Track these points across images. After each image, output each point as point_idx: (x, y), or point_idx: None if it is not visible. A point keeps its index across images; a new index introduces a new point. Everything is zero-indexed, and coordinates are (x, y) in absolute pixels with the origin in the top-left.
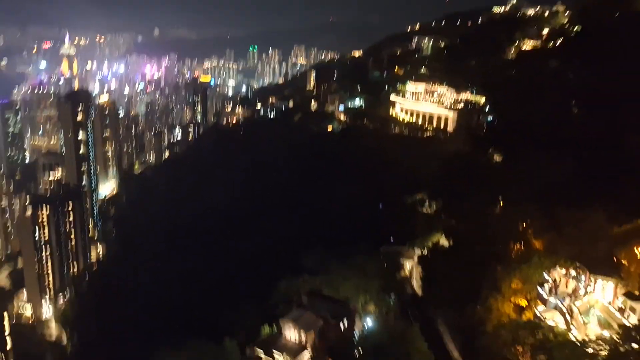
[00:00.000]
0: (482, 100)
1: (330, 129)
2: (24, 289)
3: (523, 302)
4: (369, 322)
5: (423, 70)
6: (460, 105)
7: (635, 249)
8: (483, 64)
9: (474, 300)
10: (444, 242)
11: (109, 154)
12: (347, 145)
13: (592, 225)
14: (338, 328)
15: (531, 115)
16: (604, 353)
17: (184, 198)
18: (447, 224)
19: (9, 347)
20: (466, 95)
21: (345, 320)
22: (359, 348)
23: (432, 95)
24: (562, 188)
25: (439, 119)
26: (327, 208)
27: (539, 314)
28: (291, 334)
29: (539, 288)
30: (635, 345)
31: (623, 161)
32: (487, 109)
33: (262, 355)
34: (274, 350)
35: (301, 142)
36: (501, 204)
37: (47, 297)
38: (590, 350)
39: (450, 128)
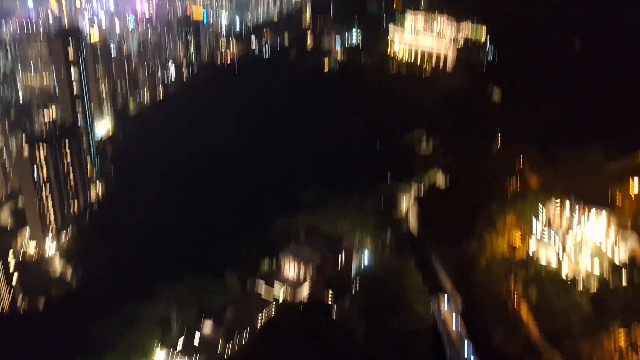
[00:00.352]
0: (483, 35)
1: (326, 65)
2: (27, 227)
3: (517, 238)
4: (365, 257)
5: (423, 1)
6: (461, 40)
7: (629, 184)
8: None
9: (469, 237)
10: (441, 179)
11: (103, 93)
12: (344, 82)
13: (588, 162)
14: (335, 263)
15: (532, 51)
16: (593, 285)
17: (181, 136)
18: (445, 162)
19: (14, 282)
20: (467, 30)
21: (342, 255)
22: (356, 282)
23: (432, 29)
24: (560, 126)
25: (438, 54)
26: (324, 146)
27: (532, 249)
28: (290, 268)
29: (533, 224)
30: (624, 279)
31: (621, 99)
32: (487, 45)
33: (263, 287)
34: (275, 282)
35: (297, 79)
36: (499, 142)
37: (50, 234)
38: (580, 283)
39: (449, 64)
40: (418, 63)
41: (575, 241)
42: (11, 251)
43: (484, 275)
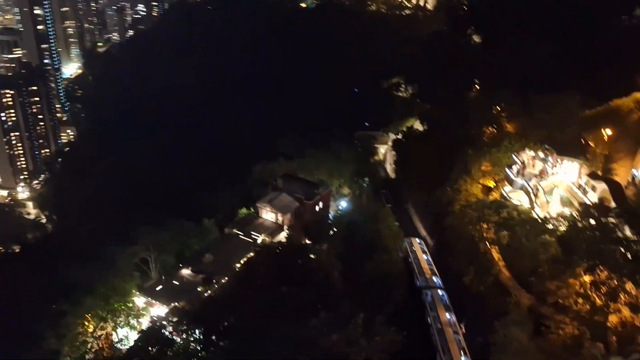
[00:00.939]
0: None
1: (304, 5)
2: None
3: (491, 183)
4: (342, 203)
5: None
6: None
7: (602, 131)
8: None
9: (444, 183)
10: (418, 126)
11: (70, 31)
12: (322, 24)
13: (563, 110)
14: (313, 209)
15: None
16: (562, 228)
17: (153, 77)
18: (423, 109)
19: None
20: None
21: (319, 201)
22: (333, 227)
23: None
24: (537, 73)
25: None
26: (302, 93)
27: (505, 194)
28: (268, 215)
29: (507, 170)
30: (592, 221)
31: (598, 46)
32: None
33: (241, 234)
34: (253, 227)
35: (273, 19)
36: (477, 88)
37: (22, 180)
38: (550, 226)
39: (429, 6)
40: (396, 5)
41: (547, 186)
42: None
43: (458, 220)
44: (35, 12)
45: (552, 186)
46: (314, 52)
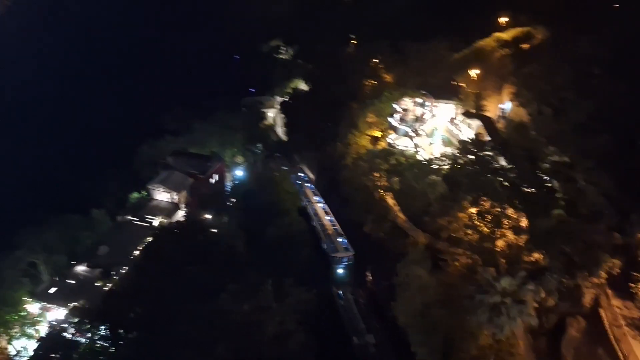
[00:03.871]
0: None
1: None
2: None
3: (377, 134)
4: (238, 172)
5: None
6: None
7: (470, 72)
8: None
9: (334, 139)
10: (303, 87)
11: None
12: None
13: (434, 56)
14: (208, 183)
15: None
16: (446, 167)
17: (13, 65)
18: (305, 69)
19: None
20: None
21: (214, 174)
22: (232, 198)
23: None
24: (408, 23)
25: None
26: (181, 65)
27: (391, 142)
28: (162, 196)
29: (390, 119)
30: (471, 157)
31: None
32: None
33: (135, 220)
34: (146, 215)
35: None
36: (353, 43)
37: None
38: (435, 167)
39: None
40: None
41: (428, 130)
42: None
43: (351, 172)
44: None
45: (432, 129)
46: (188, 20)
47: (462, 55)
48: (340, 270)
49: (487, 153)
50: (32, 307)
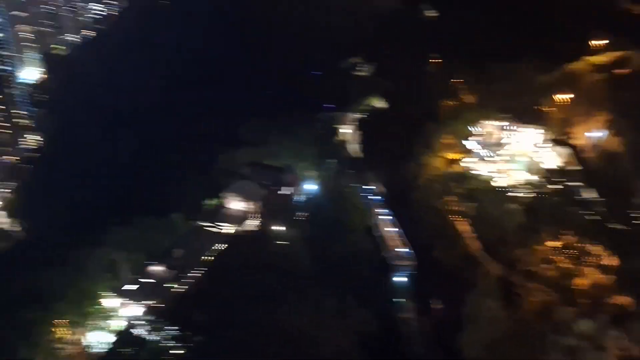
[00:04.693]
0: None
1: None
2: None
3: (454, 156)
4: (309, 186)
5: None
6: None
7: (558, 96)
8: None
9: (408, 158)
10: (379, 104)
11: (27, 36)
12: (277, 8)
13: (519, 77)
14: (280, 195)
15: None
16: (526, 195)
17: (116, 77)
18: (382, 86)
19: None
20: None
21: (286, 187)
22: (301, 211)
23: None
24: (493, 43)
25: None
26: (262, 79)
27: (468, 166)
28: (235, 204)
29: (468, 141)
30: (553, 186)
31: (550, 12)
32: None
33: (209, 226)
34: (220, 222)
35: (230, 8)
36: (434, 62)
37: None
38: (513, 194)
39: None
40: None
41: (508, 155)
42: None
43: (424, 194)
44: None
45: (513, 154)
46: (272, 37)
47: (550, 78)
48: (400, 279)
49: (574, 184)
50: (111, 301)
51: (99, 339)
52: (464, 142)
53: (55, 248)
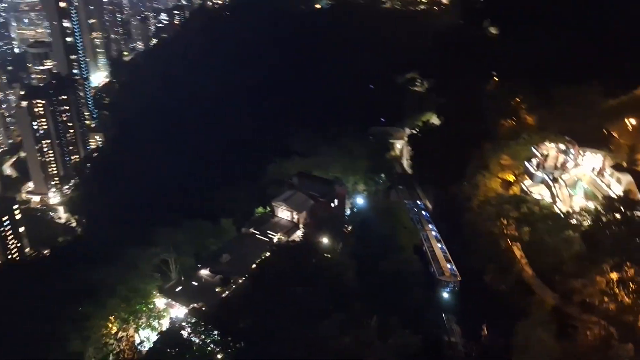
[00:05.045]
0: None
1: (318, 6)
2: (30, 179)
3: (510, 178)
4: (358, 200)
5: None
6: None
7: (626, 121)
8: None
9: (462, 177)
10: (434, 120)
11: (97, 41)
12: (335, 23)
13: (585, 100)
14: (328, 207)
15: None
16: (586, 223)
17: (175, 83)
18: (438, 102)
19: (21, 230)
20: None
21: (334, 199)
22: (348, 225)
23: None
24: (558, 63)
25: None
26: (316, 90)
27: (525, 189)
28: (283, 214)
29: (526, 163)
30: (617, 215)
31: (620, 34)
32: None
33: (257, 234)
34: (267, 230)
35: (288, 21)
36: (494, 80)
37: (53, 185)
38: (573, 221)
39: (444, 1)
40: (411, 2)
41: (569, 180)
42: (16, 202)
43: (476, 216)
44: (64, 25)
45: (574, 179)
46: (328, 50)
47: (619, 102)
48: (445, 295)
49: (638, 214)
50: (159, 301)
51: (146, 336)
52: (521, 164)
53: (109, 244)
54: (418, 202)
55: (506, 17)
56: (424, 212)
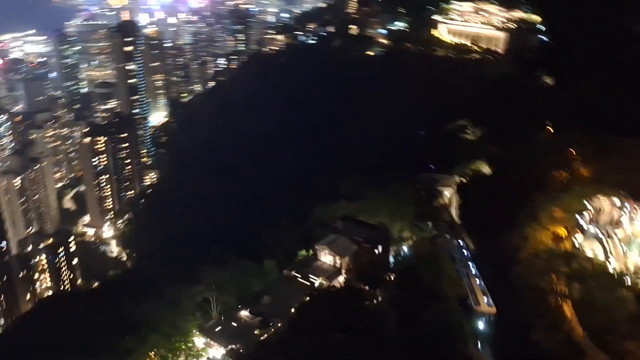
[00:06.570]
0: (536, 19)
1: (371, 53)
2: (87, 212)
3: (561, 231)
4: (403, 247)
5: None
6: (512, 25)
7: None
8: None
9: (511, 228)
10: (484, 169)
11: (158, 83)
12: (387, 69)
13: None
14: (372, 253)
15: (590, 36)
16: None
17: (228, 125)
18: (489, 151)
19: (75, 262)
20: (518, 15)
21: (379, 245)
22: (392, 273)
23: (481, 15)
24: (614, 114)
25: (487, 40)
26: (366, 134)
27: (577, 244)
28: (326, 258)
29: (579, 217)
30: None
31: None
32: (540, 29)
33: (299, 277)
34: (311, 269)
35: (340, 66)
36: (548, 130)
37: (107, 219)
38: (627, 280)
39: (499, 49)
40: (465, 50)
41: (623, 236)
42: (73, 233)
43: (525, 269)
44: (129, 67)
45: (629, 236)
46: (379, 95)
47: None
48: (481, 325)
49: None
50: (199, 339)
51: None
52: (573, 217)
53: (156, 280)
54: (464, 252)
55: (562, 67)
56: (470, 263)
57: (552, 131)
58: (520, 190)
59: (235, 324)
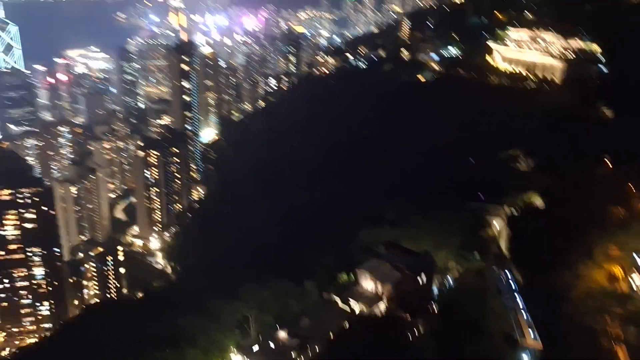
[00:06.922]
0: (596, 49)
1: (422, 78)
2: (137, 223)
3: (617, 271)
4: (447, 278)
5: (528, 16)
6: (568, 55)
7: None
8: (599, 8)
9: (563, 265)
10: (537, 201)
11: (211, 101)
12: (438, 95)
13: None
14: (415, 281)
15: None
16: None
17: (277, 145)
18: (543, 183)
19: (122, 271)
20: (577, 44)
21: (422, 274)
22: (434, 303)
23: (537, 43)
24: None
25: (543, 68)
26: (413, 159)
27: (634, 285)
28: (367, 283)
29: (636, 256)
30: None
31: None
32: (600, 59)
33: (339, 301)
34: (351, 295)
35: (390, 91)
36: (606, 164)
37: (155, 231)
38: None
39: (556, 79)
40: (520, 78)
41: None
42: (122, 243)
43: (576, 308)
44: (184, 85)
45: None
46: (430, 120)
47: None
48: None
49: None
50: (235, 357)
51: None
52: (630, 256)
53: (198, 294)
54: (512, 285)
55: (622, 99)
56: (518, 298)
57: (610, 165)
58: (574, 225)
59: (272, 345)
